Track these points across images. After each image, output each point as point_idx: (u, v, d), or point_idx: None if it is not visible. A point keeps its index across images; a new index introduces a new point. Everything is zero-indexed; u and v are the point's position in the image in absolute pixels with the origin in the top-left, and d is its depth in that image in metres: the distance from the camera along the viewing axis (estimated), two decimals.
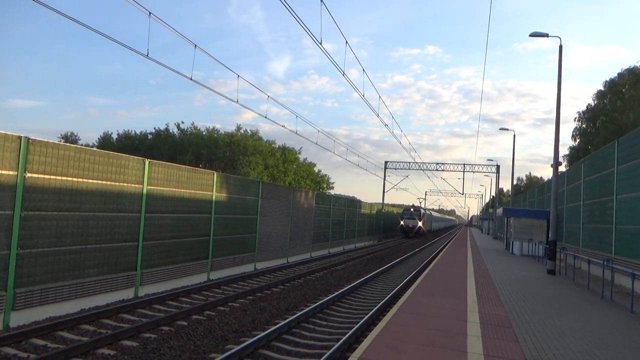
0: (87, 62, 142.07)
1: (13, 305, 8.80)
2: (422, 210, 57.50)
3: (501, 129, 40.25)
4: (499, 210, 38.73)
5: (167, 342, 8.16)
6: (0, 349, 7.30)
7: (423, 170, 55.81)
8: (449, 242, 42.65)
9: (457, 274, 15.83)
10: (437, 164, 55.74)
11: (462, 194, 63.36)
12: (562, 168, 23.90)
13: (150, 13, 11.02)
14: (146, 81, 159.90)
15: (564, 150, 48.45)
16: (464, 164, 55.85)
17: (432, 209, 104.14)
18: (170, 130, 62.24)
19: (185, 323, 9.51)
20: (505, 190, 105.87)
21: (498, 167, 55.19)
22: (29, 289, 9.11)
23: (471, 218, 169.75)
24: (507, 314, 9.47)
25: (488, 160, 56.19)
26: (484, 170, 56.65)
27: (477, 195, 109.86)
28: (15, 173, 8.85)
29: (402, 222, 53.77)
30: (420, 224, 53.34)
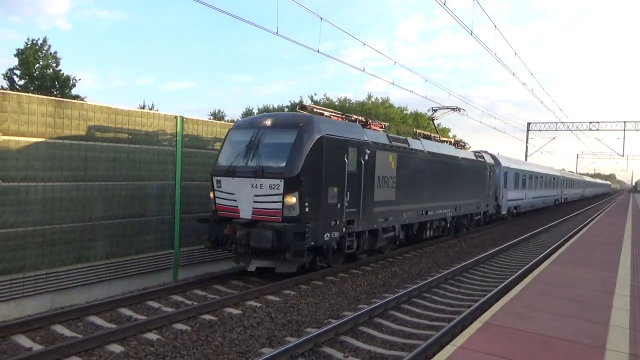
0: (230, 43, 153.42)
1: (179, 262, 10.36)
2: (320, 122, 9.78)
3: None
4: None
5: (304, 298, 8.94)
6: (170, 297, 8.73)
7: (572, 130, 50.38)
8: (598, 214, 38.33)
9: (609, 244, 14.38)
10: (590, 122, 49.80)
11: (623, 155, 55.75)
12: None
13: None
14: (280, 56, 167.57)
15: None
16: (625, 122, 49.05)
17: (585, 174, 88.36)
18: (305, 103, 64.84)
19: (320, 283, 10.24)
20: None
21: None
22: (189, 248, 10.61)
23: (636, 183, 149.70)
24: None
25: None
26: None
27: None
28: (174, 148, 10.25)
29: (212, 196, 9.85)
30: (294, 200, 8.90)
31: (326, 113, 10.82)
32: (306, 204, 9.00)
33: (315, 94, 74.49)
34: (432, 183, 14.50)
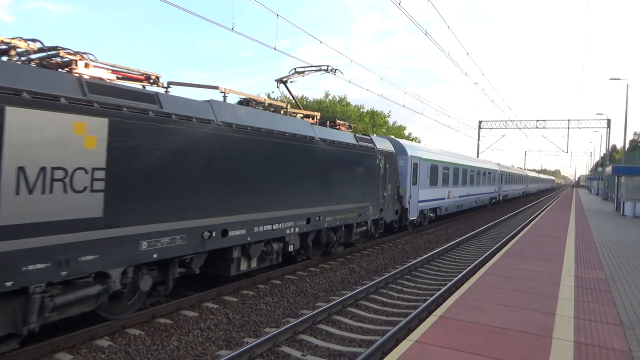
0: (185, 38, 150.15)
1: None
2: None
3: (612, 79, 36.38)
4: (609, 169, 35.62)
5: (262, 298, 8.87)
6: None
7: (520, 128, 52.49)
8: (543, 210, 40.04)
9: (555, 237, 15.07)
10: (537, 120, 52.06)
11: (567, 152, 58.63)
12: None
13: None
14: (238, 54, 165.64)
15: None
16: (569, 120, 51.57)
17: (532, 169, 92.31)
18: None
19: (279, 282, 10.19)
20: (619, 147, 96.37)
21: (609, 121, 50.30)
22: None
23: (578, 178, 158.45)
24: (608, 278, 8.96)
25: (597, 114, 50.81)
26: (593, 125, 51.89)
27: (585, 153, 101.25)
28: None
29: None
30: None
31: None
32: None
33: (273, 92, 74.27)
34: (245, 179, 8.53)
